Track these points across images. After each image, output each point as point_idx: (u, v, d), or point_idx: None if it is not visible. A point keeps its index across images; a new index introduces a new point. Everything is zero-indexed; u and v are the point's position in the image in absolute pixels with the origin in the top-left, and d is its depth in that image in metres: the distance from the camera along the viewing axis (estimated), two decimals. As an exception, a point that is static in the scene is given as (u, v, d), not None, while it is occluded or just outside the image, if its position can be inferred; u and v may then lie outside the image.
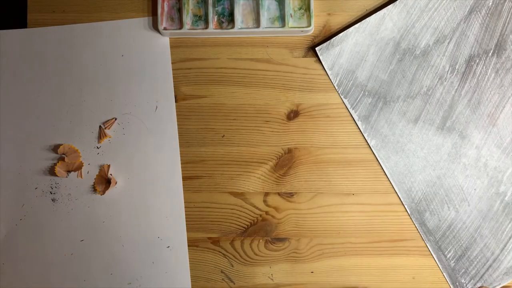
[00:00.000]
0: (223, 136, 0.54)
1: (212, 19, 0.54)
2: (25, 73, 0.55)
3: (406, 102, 0.52)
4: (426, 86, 0.52)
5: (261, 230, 0.52)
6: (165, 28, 0.54)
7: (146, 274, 0.52)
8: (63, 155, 0.53)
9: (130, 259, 0.52)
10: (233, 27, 0.53)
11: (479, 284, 0.51)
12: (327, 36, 0.54)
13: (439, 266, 0.51)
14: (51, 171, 0.53)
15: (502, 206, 0.51)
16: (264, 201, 0.53)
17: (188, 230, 0.52)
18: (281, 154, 0.53)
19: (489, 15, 0.52)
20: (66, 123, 0.54)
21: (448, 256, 0.51)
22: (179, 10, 0.54)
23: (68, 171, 0.53)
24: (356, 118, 0.52)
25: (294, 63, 0.54)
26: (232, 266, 0.52)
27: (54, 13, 0.56)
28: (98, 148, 0.53)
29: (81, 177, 0.53)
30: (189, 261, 0.52)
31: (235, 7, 0.53)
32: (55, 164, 0.53)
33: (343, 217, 0.52)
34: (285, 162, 0.53)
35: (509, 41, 0.52)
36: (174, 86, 0.54)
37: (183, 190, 0.53)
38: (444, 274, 0.51)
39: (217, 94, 0.54)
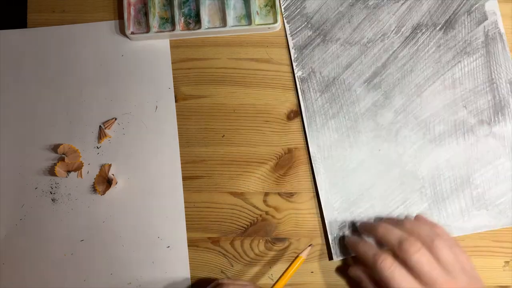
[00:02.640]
0: (223, 136, 0.54)
1: (179, 20, 0.54)
2: (25, 73, 0.55)
3: (343, 47, 0.53)
4: (367, 38, 0.53)
5: (261, 230, 0.52)
6: (132, 33, 0.54)
7: (146, 274, 0.52)
8: (63, 155, 0.53)
9: (130, 259, 0.52)
10: (200, 27, 0.54)
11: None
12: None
13: (325, 215, 0.51)
14: (51, 171, 0.53)
15: (399, 174, 0.51)
16: (264, 201, 0.53)
17: (188, 230, 0.52)
18: (281, 154, 0.53)
19: None
20: (66, 123, 0.54)
21: (334, 206, 0.51)
22: (146, 14, 0.54)
23: (68, 171, 0.53)
24: (291, 45, 0.53)
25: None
26: (232, 266, 0.52)
27: (54, 13, 0.56)
28: (98, 148, 0.53)
29: (81, 177, 0.53)
30: (189, 261, 0.52)
31: (201, 8, 0.54)
32: (55, 164, 0.53)
33: (343, 217, 0.52)
34: (285, 162, 0.53)
35: (459, 21, 0.53)
36: (174, 86, 0.54)
37: (183, 190, 0.53)
38: (326, 223, 0.51)
39: (217, 94, 0.54)
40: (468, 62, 0.53)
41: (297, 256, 0.49)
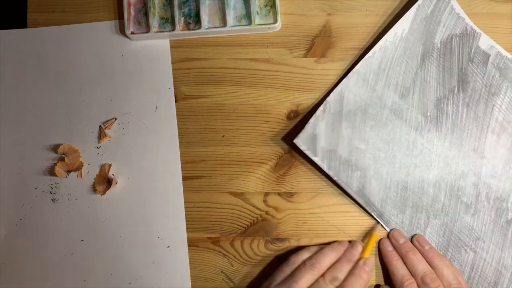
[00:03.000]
0: (223, 136, 0.54)
1: (179, 20, 0.54)
2: (25, 73, 0.55)
3: (391, 163, 0.52)
4: (406, 141, 0.52)
5: (261, 230, 0.52)
6: (132, 33, 0.54)
7: (146, 274, 0.52)
8: (63, 155, 0.53)
9: (130, 259, 0.52)
10: (200, 27, 0.54)
11: None
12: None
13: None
14: (51, 171, 0.53)
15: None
16: (264, 201, 0.53)
17: (188, 230, 0.52)
18: (281, 154, 0.53)
19: (441, 55, 0.52)
20: (66, 123, 0.54)
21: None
22: (146, 14, 0.54)
23: (68, 171, 0.53)
24: (354, 195, 0.52)
25: (294, 63, 0.54)
26: (232, 266, 0.52)
27: (54, 13, 0.56)
28: (98, 148, 0.53)
29: (81, 177, 0.53)
30: (189, 261, 0.52)
31: (201, 8, 0.54)
32: (55, 164, 0.53)
33: (343, 217, 0.52)
34: (285, 162, 0.53)
35: (469, 73, 0.52)
36: (174, 86, 0.54)
37: (183, 190, 0.53)
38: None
39: (217, 94, 0.54)
40: (500, 100, 0.52)
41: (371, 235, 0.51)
